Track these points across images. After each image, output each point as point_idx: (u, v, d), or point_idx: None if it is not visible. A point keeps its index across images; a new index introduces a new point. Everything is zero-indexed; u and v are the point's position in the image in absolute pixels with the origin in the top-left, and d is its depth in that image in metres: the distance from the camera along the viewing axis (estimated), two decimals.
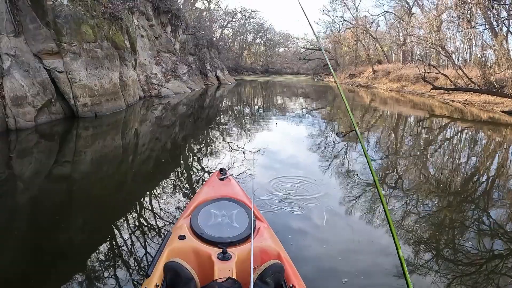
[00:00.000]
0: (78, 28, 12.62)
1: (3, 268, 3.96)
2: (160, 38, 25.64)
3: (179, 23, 29.03)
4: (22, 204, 5.95)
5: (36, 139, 10.04)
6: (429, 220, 5.55)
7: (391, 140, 12.16)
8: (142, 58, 21.47)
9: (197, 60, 32.63)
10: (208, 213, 3.35)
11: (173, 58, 26.87)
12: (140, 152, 9.70)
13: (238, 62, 64.49)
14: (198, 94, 25.75)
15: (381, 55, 45.67)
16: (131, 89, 16.78)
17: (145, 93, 20.19)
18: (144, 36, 23.00)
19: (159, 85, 22.08)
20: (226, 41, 60.92)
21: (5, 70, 10.27)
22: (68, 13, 12.26)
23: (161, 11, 25.78)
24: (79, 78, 12.33)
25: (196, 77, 30.39)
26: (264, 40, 73.01)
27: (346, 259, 4.26)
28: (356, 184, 7.02)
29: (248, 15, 63.48)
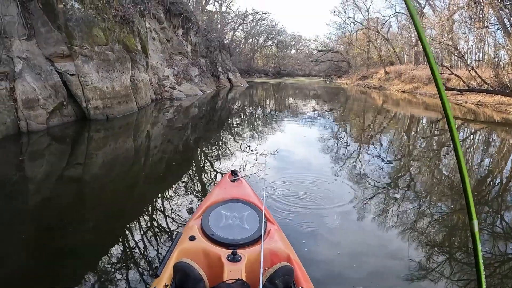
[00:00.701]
0: (90, 31, 12.65)
1: (14, 269, 3.95)
2: (171, 40, 25.68)
3: (190, 25, 29.06)
4: (33, 205, 5.94)
5: (47, 141, 10.07)
6: (442, 223, 5.48)
7: (404, 142, 12.02)
8: (154, 61, 21.50)
9: (208, 62, 32.62)
10: (219, 215, 3.35)
11: (184, 60, 26.90)
12: (152, 154, 9.68)
13: (250, 64, 64.41)
14: (210, 96, 25.74)
15: (393, 56, 45.40)
16: (143, 91, 16.79)
17: (157, 96, 20.22)
18: (155, 38, 23.05)
19: (171, 87, 22.09)
20: (237, 43, 60.88)
21: (17, 73, 10.32)
22: (79, 16, 12.29)
23: (173, 13, 25.80)
24: (90, 81, 12.35)
25: (208, 79, 30.40)
26: (275, 42, 72.92)
27: (357, 263, 4.19)
28: (369, 187, 6.90)
29: (260, 17, 63.47)
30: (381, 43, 46.75)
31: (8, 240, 4.58)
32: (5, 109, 9.69)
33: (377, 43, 46.55)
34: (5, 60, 10.16)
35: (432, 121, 17.15)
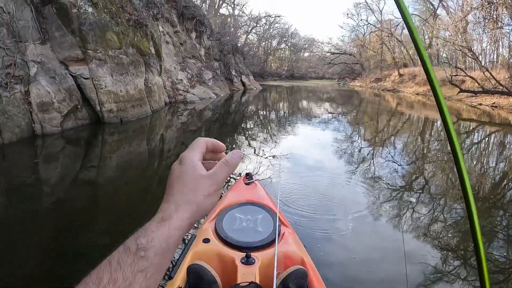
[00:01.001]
0: (103, 35, 12.72)
1: (27, 271, 3.96)
2: (185, 44, 25.76)
3: (203, 29, 29.12)
4: (47, 207, 5.95)
5: (62, 144, 10.12)
6: (457, 227, 5.39)
7: (418, 145, 11.90)
8: (168, 64, 21.57)
9: (222, 65, 32.67)
10: (233, 217, 3.31)
11: (198, 64, 26.96)
12: (166, 157, 9.68)
13: (263, 68, 64.50)
14: (224, 99, 25.75)
15: (407, 58, 45.15)
16: (157, 95, 16.84)
17: (171, 99, 20.27)
18: (169, 42, 23.13)
19: (184, 90, 22.14)
20: (251, 46, 60.97)
21: (31, 77, 10.40)
22: (93, 20, 12.37)
23: (186, 17, 25.89)
24: (104, 84, 12.41)
25: (222, 82, 30.44)
26: (288, 45, 72.96)
27: (372, 268, 4.12)
28: (383, 190, 6.81)
29: (273, 20, 63.60)
30: (394, 45, 46.58)
31: (21, 242, 4.59)
32: (20, 112, 9.77)
33: (391, 45, 46.36)
34: (20, 64, 10.24)
35: None
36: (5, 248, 4.38)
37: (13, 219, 5.33)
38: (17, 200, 6.17)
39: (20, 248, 4.42)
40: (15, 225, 5.11)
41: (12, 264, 4.00)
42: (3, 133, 9.16)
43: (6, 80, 9.58)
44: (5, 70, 9.71)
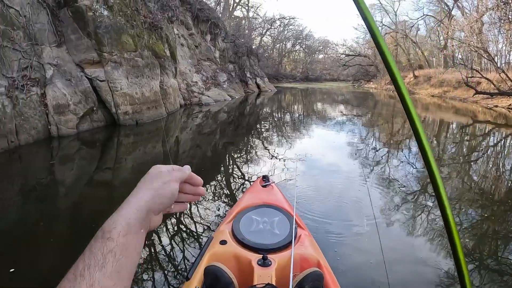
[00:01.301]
0: (119, 38, 12.78)
1: (44, 269, 4.00)
2: (200, 46, 25.83)
3: (218, 31, 29.17)
4: (63, 209, 5.97)
5: (78, 146, 10.18)
6: (472, 231, 5.29)
7: (433, 147, 11.75)
8: (183, 67, 21.63)
9: (237, 68, 32.68)
10: (249, 219, 3.33)
11: (213, 66, 27.01)
12: (181, 159, 9.65)
13: (278, 70, 64.49)
14: (239, 101, 25.73)
15: (422, 60, 44.77)
16: (172, 97, 16.89)
17: (186, 101, 20.32)
18: (184, 44, 23.20)
19: (199, 93, 22.18)
20: (265, 48, 60.96)
21: (47, 79, 10.49)
22: (109, 23, 12.44)
23: (200, 20, 25.96)
24: (120, 87, 12.47)
25: (236, 84, 30.45)
26: (303, 47, 72.85)
27: (388, 271, 3.98)
28: (399, 194, 6.70)
29: (287, 22, 63.45)
30: (409, 46, 46.23)
31: (37, 243, 4.60)
32: (36, 114, 9.85)
33: (405, 47, 46.00)
34: (36, 66, 10.34)
35: (461, 126, 16.76)
36: (21, 249, 4.40)
37: (30, 220, 5.34)
38: (33, 201, 6.21)
39: (36, 249, 4.43)
40: (31, 226, 5.11)
41: (28, 265, 3.99)
42: (20, 134, 9.25)
43: (22, 82, 9.67)
44: (22, 72, 9.81)
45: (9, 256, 4.20)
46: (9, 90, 9.19)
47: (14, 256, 4.18)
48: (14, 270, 3.84)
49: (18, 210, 5.81)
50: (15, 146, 9.04)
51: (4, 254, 4.28)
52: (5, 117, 8.84)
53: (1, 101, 8.85)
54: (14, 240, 4.67)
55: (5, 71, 9.22)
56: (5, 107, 8.92)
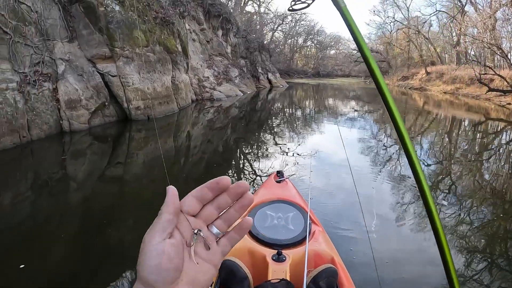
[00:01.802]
0: (130, 33, 12.76)
1: (55, 265, 3.99)
2: (211, 41, 25.77)
3: (230, 26, 29.08)
4: (74, 203, 5.97)
5: (89, 141, 10.18)
6: (483, 229, 5.22)
7: (444, 145, 11.57)
8: (194, 62, 21.60)
9: (248, 63, 32.59)
10: (264, 215, 3.34)
11: (224, 61, 26.95)
12: (192, 154, 9.62)
13: (289, 65, 64.28)
14: (250, 97, 25.65)
15: (434, 56, 44.32)
16: (183, 92, 16.86)
17: (197, 96, 20.30)
18: (195, 40, 23.16)
19: (211, 88, 22.14)
20: (277, 44, 60.73)
21: (59, 75, 10.50)
22: (120, 18, 12.42)
23: (212, 15, 25.89)
24: (132, 82, 12.45)
25: (248, 80, 30.36)
26: (315, 43, 72.49)
27: (401, 269, 4.08)
28: (412, 191, 6.61)
29: (298, 17, 63.01)
30: (421, 42, 45.74)
31: (49, 237, 4.59)
32: (48, 109, 9.86)
33: (418, 43, 45.58)
34: (48, 61, 10.34)
35: (474, 123, 16.56)
36: (33, 244, 4.39)
37: (41, 215, 5.34)
38: (44, 195, 6.22)
39: (48, 243, 4.42)
40: (42, 221, 5.12)
41: (38, 261, 3.98)
42: (32, 129, 9.26)
43: (34, 77, 9.68)
44: (34, 68, 9.81)
45: (19, 252, 4.18)
46: (21, 85, 9.20)
47: (25, 251, 4.16)
48: (24, 266, 3.81)
49: (30, 205, 5.82)
50: (27, 141, 9.06)
51: (13, 249, 4.27)
52: (17, 112, 8.85)
53: (13, 96, 8.86)
54: (25, 234, 4.67)
55: (17, 66, 9.23)
56: (17, 102, 8.93)
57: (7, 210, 5.49)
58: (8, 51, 9.06)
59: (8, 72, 8.93)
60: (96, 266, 3.99)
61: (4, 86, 8.69)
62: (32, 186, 6.70)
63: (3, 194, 6.06)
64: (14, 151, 8.48)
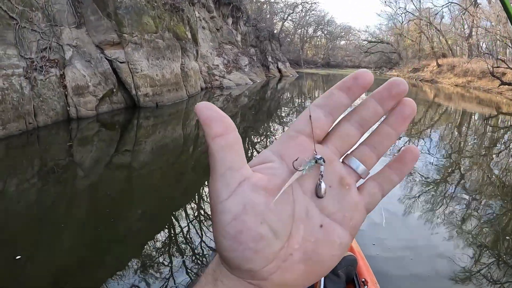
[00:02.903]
0: (139, 19, 12.57)
1: (62, 253, 3.91)
2: (221, 30, 25.56)
3: (240, 15, 28.86)
4: (82, 190, 5.89)
5: (97, 127, 10.05)
6: (491, 224, 5.08)
7: (454, 138, 11.33)
8: (204, 50, 21.41)
9: (258, 52, 32.37)
10: None
11: (234, 49, 26.75)
12: (201, 142, 9.42)
13: (299, 55, 63.89)
14: (260, 86, 25.44)
15: (446, 48, 43.75)
16: (193, 80, 16.68)
17: (207, 84, 20.13)
18: (205, 27, 22.96)
19: (220, 76, 21.97)
20: (287, 33, 60.45)
21: (67, 61, 10.34)
22: (129, 4, 12.23)
23: (222, 3, 25.67)
24: (140, 68, 12.28)
25: (258, 69, 30.14)
26: (325, 33, 72.03)
27: (418, 260, 3.97)
28: (423, 186, 6.46)
29: (309, 7, 62.57)
30: (433, 34, 45.17)
31: (57, 223, 4.53)
32: (55, 95, 9.72)
33: (429, 34, 45.02)
34: (55, 47, 10.19)
35: (485, 117, 16.26)
36: (40, 232, 4.29)
37: (48, 202, 5.27)
38: (51, 182, 6.14)
39: (54, 232, 4.32)
40: (50, 208, 5.03)
41: (49, 248, 3.92)
42: (38, 116, 9.13)
43: (41, 63, 9.53)
44: (41, 53, 9.66)
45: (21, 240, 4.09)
46: (27, 71, 9.05)
47: (27, 240, 4.08)
48: (26, 255, 3.72)
49: (36, 192, 5.72)
50: (33, 128, 8.94)
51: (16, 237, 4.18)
52: (23, 98, 8.71)
53: (19, 82, 8.71)
54: (31, 221, 4.58)
55: (23, 52, 9.09)
56: (23, 88, 8.78)
57: (13, 196, 5.40)
58: (15, 36, 8.91)
59: (14, 57, 8.77)
60: (102, 254, 3.92)
61: (10, 72, 8.53)
62: (38, 173, 6.58)
63: (9, 181, 5.96)
64: (20, 137, 8.36)
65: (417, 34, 47.36)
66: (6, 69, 8.44)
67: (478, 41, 37.16)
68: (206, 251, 3.96)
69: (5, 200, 5.22)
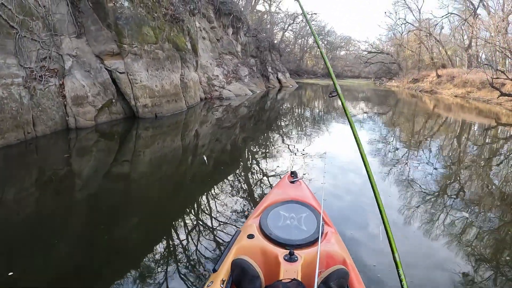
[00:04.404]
0: (139, 30, 12.62)
1: (59, 263, 3.98)
2: (221, 40, 25.62)
3: (240, 25, 28.95)
4: (79, 201, 5.89)
5: (95, 138, 10.07)
6: (491, 235, 5.09)
7: (454, 149, 11.30)
8: (204, 60, 21.47)
9: (258, 62, 32.43)
10: (277, 215, 3.42)
11: (234, 60, 26.80)
12: (200, 153, 9.40)
13: (299, 65, 64.09)
14: (260, 96, 25.42)
15: (445, 59, 43.95)
16: (192, 90, 16.70)
17: (206, 95, 20.14)
18: (205, 38, 23.03)
19: (220, 87, 22.00)
20: (287, 43, 60.66)
21: (66, 70, 10.38)
22: (129, 14, 12.28)
23: (223, 13, 25.75)
24: (140, 79, 12.31)
25: (258, 79, 30.18)
26: (325, 43, 72.30)
27: (408, 274, 3.91)
28: (426, 196, 6.49)
29: (309, 17, 62.87)
30: (432, 45, 45.37)
31: (53, 235, 4.52)
32: (54, 105, 9.75)
33: (429, 45, 45.20)
34: (55, 57, 10.23)
35: (484, 128, 16.27)
36: (36, 243, 4.32)
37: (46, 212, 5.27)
38: (49, 193, 6.13)
39: (50, 241, 4.35)
40: (47, 218, 5.02)
41: (44, 261, 3.92)
42: (37, 125, 9.16)
43: (40, 73, 9.56)
44: (40, 63, 9.70)
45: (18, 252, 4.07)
46: (26, 80, 9.08)
47: (23, 251, 4.07)
48: (12, 273, 3.68)
49: (34, 203, 5.73)
50: (31, 137, 8.96)
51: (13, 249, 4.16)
52: (22, 108, 8.73)
53: (19, 91, 8.73)
54: (27, 233, 4.57)
55: (23, 61, 9.11)
56: (23, 97, 8.80)
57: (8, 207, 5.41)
58: (15, 45, 8.93)
59: (14, 67, 8.80)
60: (99, 267, 3.94)
61: (9, 81, 8.56)
62: (35, 184, 6.58)
63: (6, 190, 5.97)
64: (18, 147, 8.38)
65: (417, 45, 47.58)
66: (6, 79, 8.46)
67: (477, 52, 37.40)
68: (203, 262, 4.00)
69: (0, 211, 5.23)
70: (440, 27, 45.81)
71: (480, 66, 31.68)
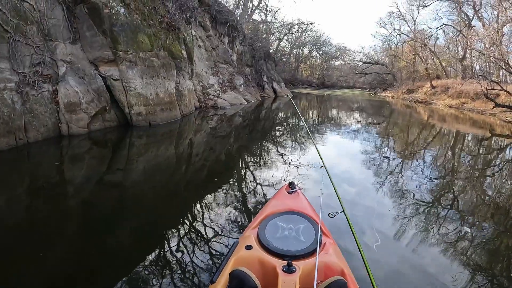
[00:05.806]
0: (135, 37, 12.55)
1: (52, 272, 3.94)
2: (217, 49, 25.61)
3: (236, 34, 28.98)
4: (72, 209, 5.80)
5: (88, 145, 9.94)
6: (485, 246, 5.07)
7: (448, 159, 11.27)
8: (199, 69, 21.41)
9: (254, 71, 32.45)
10: (275, 226, 3.43)
11: (230, 69, 26.79)
12: (194, 162, 9.32)
13: (294, 75, 64.25)
14: (255, 105, 25.39)
15: (440, 70, 44.21)
16: (187, 99, 16.60)
17: (201, 104, 20.07)
18: (201, 46, 22.99)
19: (215, 96, 21.94)
20: (282, 53, 60.85)
21: (60, 76, 10.28)
22: (125, 21, 12.21)
23: (219, 22, 25.77)
24: (134, 87, 12.22)
25: (253, 88, 30.17)
26: (320, 53, 72.58)
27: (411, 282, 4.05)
28: (425, 208, 6.45)
29: (305, 27, 62.96)
30: (427, 56, 45.61)
31: (46, 243, 4.48)
32: (46, 111, 9.63)
33: (424, 56, 45.44)
34: (49, 62, 10.12)
35: (478, 138, 16.26)
36: (29, 251, 4.25)
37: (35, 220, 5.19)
38: (39, 201, 6.02)
39: (44, 249, 4.29)
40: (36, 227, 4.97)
41: (34, 268, 3.89)
42: (29, 132, 9.04)
43: (34, 78, 9.45)
44: (34, 68, 9.59)
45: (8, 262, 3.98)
46: (19, 86, 8.97)
47: (14, 261, 4.01)
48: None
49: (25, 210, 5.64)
50: (23, 144, 8.85)
51: None
52: (14, 113, 8.61)
53: (11, 96, 8.62)
54: (11, 243, 4.48)
55: (16, 66, 9.01)
56: (15, 103, 8.69)
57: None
58: (8, 50, 8.83)
59: (6, 71, 8.69)
60: (90, 277, 3.88)
61: (2, 86, 8.46)
62: (27, 190, 6.48)
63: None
64: (9, 153, 8.27)
65: (412, 56, 47.81)
66: None
67: (472, 63, 37.64)
68: (201, 273, 3.95)
69: None
70: (435, 38, 46.09)
71: (475, 77, 31.85)
